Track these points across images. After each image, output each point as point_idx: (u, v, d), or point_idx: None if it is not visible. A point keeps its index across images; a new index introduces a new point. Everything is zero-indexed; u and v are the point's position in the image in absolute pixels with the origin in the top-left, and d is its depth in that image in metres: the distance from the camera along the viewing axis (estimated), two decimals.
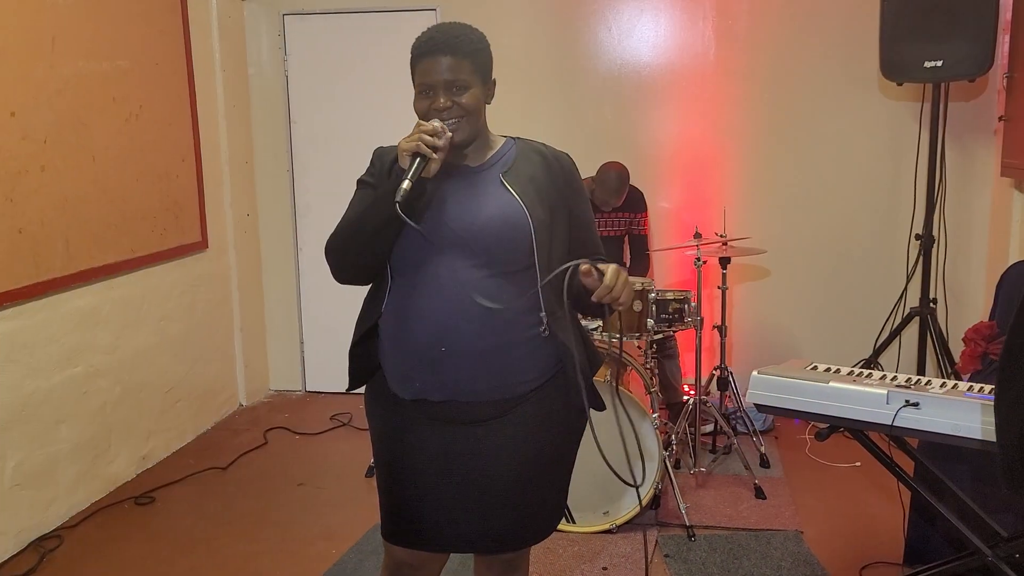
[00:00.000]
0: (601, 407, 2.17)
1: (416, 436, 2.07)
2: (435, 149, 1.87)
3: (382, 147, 2.13)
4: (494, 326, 1.97)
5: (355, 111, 5.18)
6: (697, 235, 4.17)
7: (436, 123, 1.91)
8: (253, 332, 5.40)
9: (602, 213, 4.66)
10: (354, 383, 2.17)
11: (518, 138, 2.16)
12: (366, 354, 2.11)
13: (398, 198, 1.82)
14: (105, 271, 4.02)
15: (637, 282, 3.86)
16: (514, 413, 2.04)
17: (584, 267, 1.89)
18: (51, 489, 3.72)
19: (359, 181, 2.11)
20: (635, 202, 4.74)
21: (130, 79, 4.18)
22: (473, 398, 2.01)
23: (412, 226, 1.85)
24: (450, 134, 1.92)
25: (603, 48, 5.10)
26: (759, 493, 3.88)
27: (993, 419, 2.23)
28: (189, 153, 4.71)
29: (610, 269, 1.90)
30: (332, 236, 2.02)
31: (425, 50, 1.97)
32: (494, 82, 2.07)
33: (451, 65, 1.94)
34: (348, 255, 2.01)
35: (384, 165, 2.06)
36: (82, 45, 3.85)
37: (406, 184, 1.84)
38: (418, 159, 1.87)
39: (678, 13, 4.99)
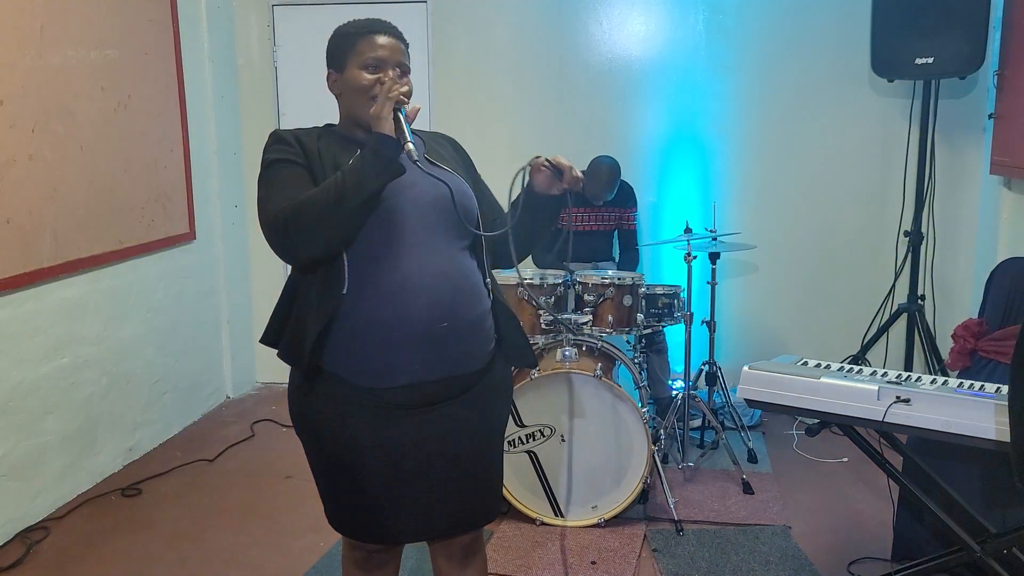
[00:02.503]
0: (534, 364, 2.29)
1: (376, 429, 2.02)
2: (404, 113, 1.91)
3: (280, 130, 2.13)
4: (477, 294, 2.05)
5: None
6: (687, 230, 4.18)
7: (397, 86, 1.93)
8: (240, 324, 5.38)
9: (592, 208, 4.66)
10: (310, 373, 2.07)
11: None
12: (313, 350, 2.00)
13: (415, 158, 1.86)
14: (92, 262, 3.99)
15: (627, 277, 3.87)
16: (478, 386, 2.10)
17: (535, 161, 2.02)
18: (38, 480, 3.70)
19: (275, 161, 2.03)
20: (625, 197, 4.74)
21: (119, 68, 4.15)
22: (467, 369, 2.05)
23: (428, 175, 1.97)
24: (409, 100, 1.95)
25: (594, 42, 5.09)
26: (747, 488, 3.89)
27: (981, 415, 2.25)
28: (177, 144, 4.68)
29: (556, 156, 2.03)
30: (293, 211, 1.88)
31: (376, 29, 2.03)
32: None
33: (401, 49, 2.04)
34: (326, 226, 1.87)
35: (307, 144, 2.04)
36: (71, 33, 3.81)
37: (411, 144, 1.85)
38: (405, 124, 1.88)
39: (669, 7, 4.99)
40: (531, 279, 3.78)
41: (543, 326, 3.76)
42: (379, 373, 1.99)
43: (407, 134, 1.85)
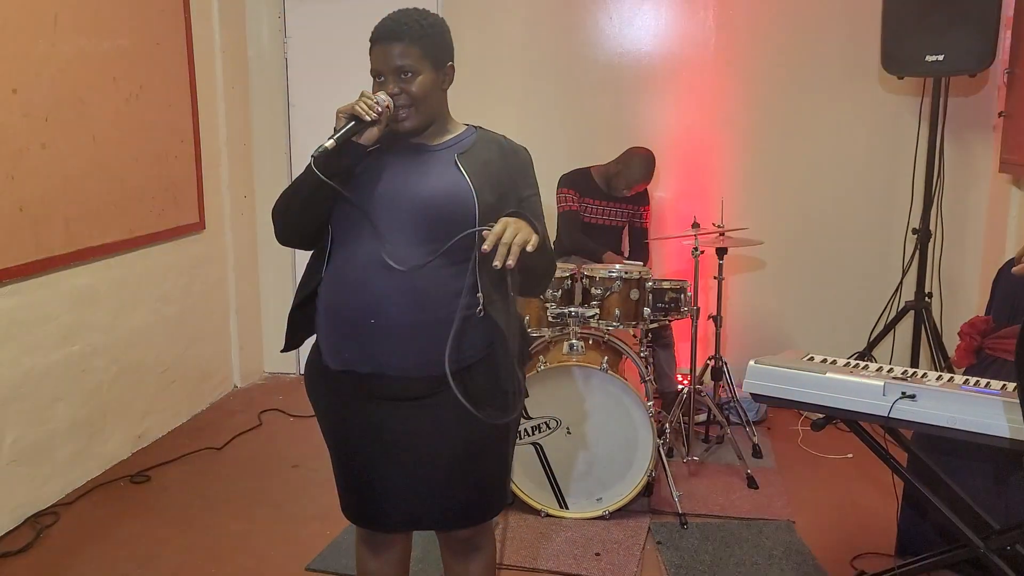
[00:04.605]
0: (523, 395, 2.15)
1: (354, 411, 2.11)
2: (374, 119, 1.94)
3: None
4: (426, 302, 1.99)
5: (354, 95, 5.13)
6: (695, 225, 4.19)
7: (382, 95, 1.98)
8: (248, 314, 5.40)
9: (606, 202, 4.67)
10: (289, 345, 2.22)
11: (479, 127, 2.21)
12: (305, 319, 2.16)
13: (315, 153, 1.89)
14: (103, 250, 4.01)
15: (635, 270, 3.88)
16: (446, 393, 2.01)
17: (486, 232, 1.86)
18: (48, 466, 3.73)
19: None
20: (640, 195, 4.76)
21: (131, 59, 4.17)
22: (401, 373, 2.03)
23: (328, 183, 1.93)
24: (389, 102, 1.97)
25: (604, 37, 5.09)
26: (751, 483, 3.91)
27: (986, 412, 2.26)
28: (188, 134, 4.70)
29: (500, 221, 1.87)
30: (276, 201, 2.10)
31: (377, 37, 2.04)
32: (451, 67, 2.11)
33: (400, 52, 2.00)
34: (287, 217, 2.08)
35: None
36: (84, 23, 3.83)
37: (329, 143, 1.90)
38: (350, 124, 1.93)
39: (679, 2, 4.98)
40: None
41: (550, 319, 3.77)
42: (328, 353, 2.10)
43: (335, 134, 1.92)
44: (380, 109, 1.95)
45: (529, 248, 1.82)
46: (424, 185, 2.02)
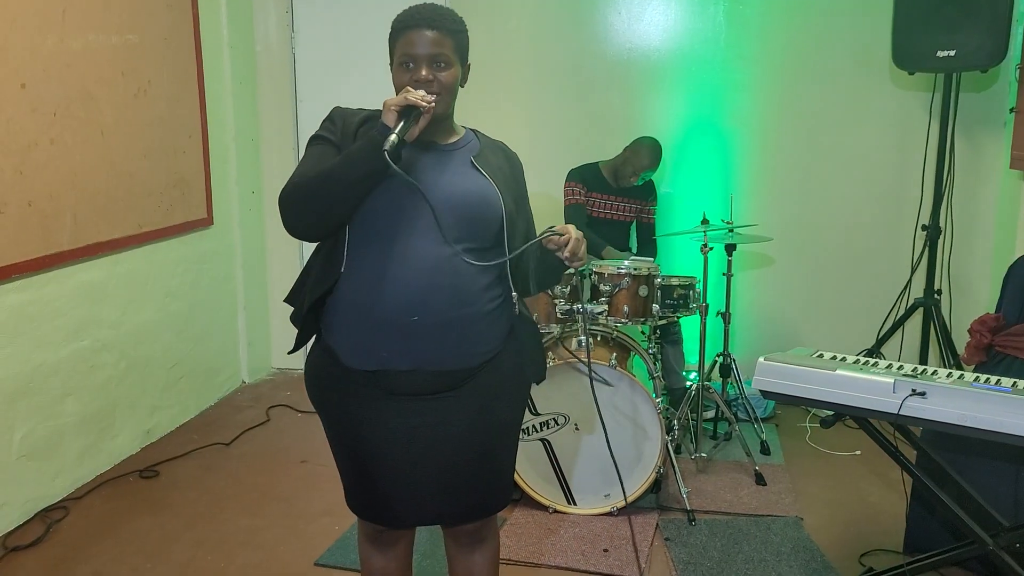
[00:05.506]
0: (542, 378, 2.26)
1: (374, 411, 2.08)
2: (419, 114, 1.92)
3: (341, 107, 2.16)
4: (463, 297, 2.01)
5: (362, 90, 5.14)
6: (704, 221, 4.18)
7: (423, 92, 1.95)
8: (256, 310, 5.41)
9: (614, 197, 4.67)
10: (299, 346, 2.20)
11: (476, 131, 2.22)
12: (312, 319, 2.13)
13: (387, 147, 1.85)
14: (112, 246, 4.02)
15: (643, 266, 3.87)
16: (470, 384, 2.09)
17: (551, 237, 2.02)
18: (57, 461, 3.74)
19: (314, 137, 2.11)
20: (647, 190, 4.76)
21: (139, 54, 4.17)
22: (438, 367, 2.04)
23: (401, 175, 1.89)
24: (433, 104, 1.95)
25: (613, 32, 5.08)
26: (759, 479, 3.90)
27: (996, 409, 2.25)
28: (196, 130, 4.70)
29: (569, 228, 2.02)
30: (293, 185, 1.99)
31: (411, 23, 2.01)
32: (469, 66, 2.13)
33: (435, 40, 2.00)
34: (315, 204, 1.96)
35: (348, 125, 2.08)
36: (92, 18, 3.84)
37: (394, 137, 1.86)
38: (403, 121, 1.90)
39: None
40: None
41: (558, 315, 3.77)
42: (354, 353, 2.06)
43: (397, 128, 1.88)
44: (426, 106, 1.93)
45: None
46: (455, 185, 2.03)
